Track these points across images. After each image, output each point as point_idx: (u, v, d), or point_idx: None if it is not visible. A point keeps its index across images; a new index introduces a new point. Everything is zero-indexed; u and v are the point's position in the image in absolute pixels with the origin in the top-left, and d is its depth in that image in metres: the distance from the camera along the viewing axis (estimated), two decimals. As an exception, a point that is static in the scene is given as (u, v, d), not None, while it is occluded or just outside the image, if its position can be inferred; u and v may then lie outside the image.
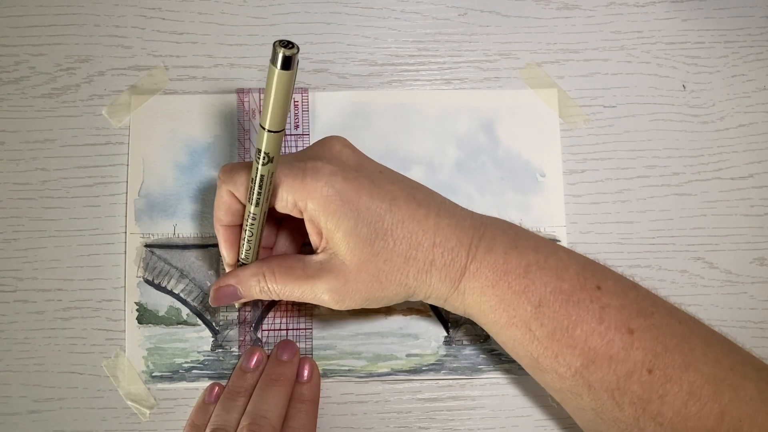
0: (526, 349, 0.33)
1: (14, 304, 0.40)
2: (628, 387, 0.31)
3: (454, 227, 0.33)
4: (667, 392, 0.30)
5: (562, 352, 0.31)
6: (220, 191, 0.33)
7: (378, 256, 0.32)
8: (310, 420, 0.37)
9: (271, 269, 0.34)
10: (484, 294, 0.32)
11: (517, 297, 0.32)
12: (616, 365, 0.31)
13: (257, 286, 0.34)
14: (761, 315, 0.41)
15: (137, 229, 0.40)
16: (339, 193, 0.31)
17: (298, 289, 0.33)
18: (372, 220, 0.32)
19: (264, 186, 0.31)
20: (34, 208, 0.41)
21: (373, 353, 0.40)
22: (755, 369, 0.31)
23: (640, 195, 0.42)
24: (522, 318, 0.32)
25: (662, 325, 0.31)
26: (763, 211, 0.42)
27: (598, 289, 0.32)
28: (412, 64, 0.43)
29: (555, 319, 0.31)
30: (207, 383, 0.39)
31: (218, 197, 0.34)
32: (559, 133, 0.42)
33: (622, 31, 0.43)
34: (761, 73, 0.43)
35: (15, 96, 0.41)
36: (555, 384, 0.33)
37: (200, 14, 0.43)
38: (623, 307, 0.32)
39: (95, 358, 0.40)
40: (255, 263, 0.35)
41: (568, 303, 0.31)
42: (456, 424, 0.39)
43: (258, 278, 0.34)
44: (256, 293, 0.34)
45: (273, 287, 0.34)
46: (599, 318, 0.31)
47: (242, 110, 0.42)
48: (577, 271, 0.32)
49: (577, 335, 0.31)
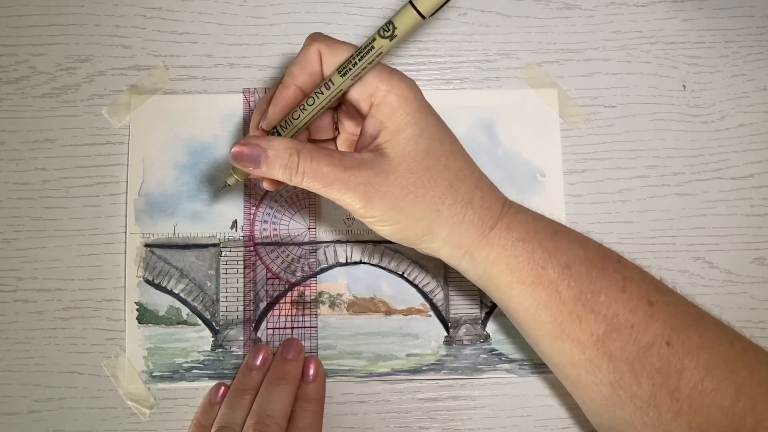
0: (550, 313, 0.32)
1: (14, 304, 0.40)
2: (647, 359, 0.31)
3: (491, 187, 0.34)
4: (684, 367, 0.30)
5: (587, 317, 0.31)
6: (310, 48, 0.32)
7: (427, 171, 0.31)
8: (316, 419, 0.37)
9: (308, 148, 0.31)
10: (515, 248, 0.32)
11: (547, 255, 0.32)
12: (637, 334, 0.31)
13: (287, 159, 0.31)
14: (761, 315, 0.41)
15: (137, 229, 0.40)
16: (418, 101, 0.32)
17: (329, 176, 0.30)
18: (435, 138, 0.32)
19: (367, 59, 0.30)
20: (34, 208, 0.41)
21: (373, 353, 0.40)
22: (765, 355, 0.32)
23: (640, 195, 0.42)
24: (550, 278, 0.32)
25: (679, 303, 0.32)
26: (763, 211, 0.42)
27: (619, 262, 0.33)
28: (412, 64, 0.43)
29: (581, 283, 0.32)
30: (207, 383, 0.39)
31: (303, 53, 0.32)
32: (559, 133, 0.42)
33: (622, 31, 0.43)
34: (761, 73, 0.43)
35: (15, 96, 0.41)
36: (575, 355, 0.32)
37: (200, 14, 0.43)
38: (643, 280, 0.33)
39: (95, 358, 0.40)
40: (290, 138, 0.32)
41: (594, 270, 0.32)
42: (456, 424, 0.39)
43: (291, 151, 0.31)
44: (281, 166, 0.31)
45: (304, 165, 0.31)
46: (622, 287, 0.32)
47: (248, 109, 0.42)
48: (598, 246, 0.34)
49: (602, 301, 0.31)
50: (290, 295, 0.40)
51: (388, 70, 0.32)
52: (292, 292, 0.40)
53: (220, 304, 0.40)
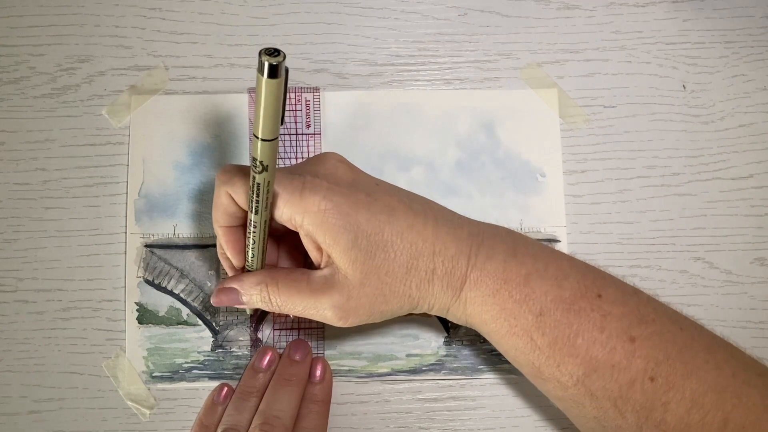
0: (527, 359, 0.33)
1: (14, 304, 0.40)
2: (630, 395, 0.30)
3: (452, 235, 0.33)
4: (669, 400, 0.30)
5: (564, 362, 0.31)
6: (219, 192, 0.32)
7: (380, 269, 0.32)
8: (322, 421, 0.37)
9: (275, 280, 0.33)
10: (485, 303, 0.32)
11: (518, 306, 0.32)
12: (618, 374, 0.31)
13: (259, 295, 0.33)
14: (761, 315, 0.41)
15: (137, 229, 0.40)
16: (337, 207, 0.31)
17: (300, 304, 0.33)
18: (372, 233, 0.31)
19: (261, 194, 0.30)
20: (34, 208, 0.41)
21: (373, 353, 0.40)
22: (757, 375, 0.31)
23: (640, 195, 0.42)
24: (523, 327, 0.32)
25: (664, 332, 0.31)
26: (763, 211, 0.42)
27: (599, 297, 0.32)
28: (413, 65, 0.43)
29: (556, 328, 0.31)
30: (207, 383, 0.39)
31: (216, 198, 0.33)
32: (560, 133, 0.42)
33: (622, 31, 0.43)
34: (761, 73, 0.43)
35: (15, 96, 0.41)
36: (557, 393, 0.33)
37: (200, 14, 0.43)
38: (624, 315, 0.31)
39: (95, 358, 0.40)
40: (260, 271, 0.34)
41: (569, 312, 0.31)
42: (456, 424, 0.39)
43: (261, 287, 0.33)
44: (257, 302, 0.34)
45: (275, 299, 0.33)
46: (600, 327, 0.31)
47: (252, 110, 0.42)
48: (577, 280, 0.32)
49: (579, 344, 0.31)
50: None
51: (298, 189, 0.31)
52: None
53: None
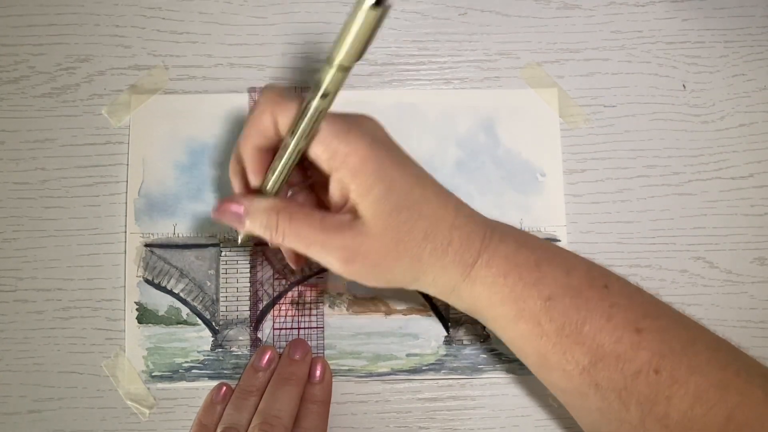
0: (533, 346, 0.32)
1: (14, 304, 0.40)
2: (635, 387, 0.30)
3: (469, 217, 0.33)
4: (673, 394, 0.30)
5: (571, 349, 0.31)
6: (263, 110, 0.31)
7: (400, 227, 0.31)
8: (321, 421, 0.37)
9: (288, 209, 0.31)
10: (495, 284, 0.32)
11: (527, 289, 0.32)
12: (623, 364, 0.31)
13: (266, 219, 0.31)
14: (761, 315, 0.41)
15: (137, 228, 0.40)
16: (378, 158, 0.31)
17: (307, 238, 0.31)
18: (403, 191, 0.31)
19: (310, 121, 0.29)
20: (34, 208, 0.41)
21: (373, 353, 0.40)
22: (760, 375, 0.31)
23: (640, 195, 0.42)
24: (532, 311, 0.32)
25: (668, 328, 0.31)
26: (763, 211, 0.42)
27: (606, 288, 0.32)
28: (413, 64, 0.43)
29: (564, 314, 0.31)
30: (207, 383, 0.39)
31: (257, 116, 0.31)
32: (560, 133, 0.42)
33: (622, 30, 0.43)
34: (761, 72, 0.43)
35: (15, 96, 0.41)
36: (561, 383, 0.33)
37: (200, 14, 0.43)
38: (631, 307, 0.32)
39: (95, 357, 0.39)
40: (274, 198, 0.32)
41: (578, 299, 0.31)
42: (456, 424, 0.39)
43: (270, 213, 0.31)
44: (259, 227, 0.32)
45: (283, 226, 0.31)
46: (608, 316, 0.31)
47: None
48: (584, 270, 0.33)
49: (586, 332, 0.31)
50: (290, 295, 0.40)
51: (345, 128, 0.30)
52: (292, 292, 0.40)
53: (220, 304, 0.40)
